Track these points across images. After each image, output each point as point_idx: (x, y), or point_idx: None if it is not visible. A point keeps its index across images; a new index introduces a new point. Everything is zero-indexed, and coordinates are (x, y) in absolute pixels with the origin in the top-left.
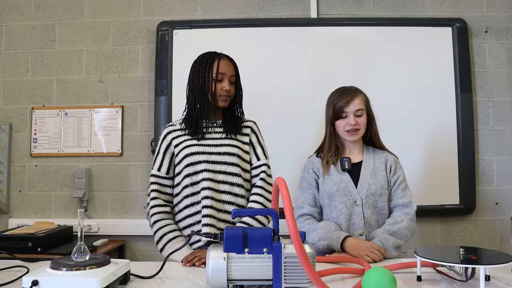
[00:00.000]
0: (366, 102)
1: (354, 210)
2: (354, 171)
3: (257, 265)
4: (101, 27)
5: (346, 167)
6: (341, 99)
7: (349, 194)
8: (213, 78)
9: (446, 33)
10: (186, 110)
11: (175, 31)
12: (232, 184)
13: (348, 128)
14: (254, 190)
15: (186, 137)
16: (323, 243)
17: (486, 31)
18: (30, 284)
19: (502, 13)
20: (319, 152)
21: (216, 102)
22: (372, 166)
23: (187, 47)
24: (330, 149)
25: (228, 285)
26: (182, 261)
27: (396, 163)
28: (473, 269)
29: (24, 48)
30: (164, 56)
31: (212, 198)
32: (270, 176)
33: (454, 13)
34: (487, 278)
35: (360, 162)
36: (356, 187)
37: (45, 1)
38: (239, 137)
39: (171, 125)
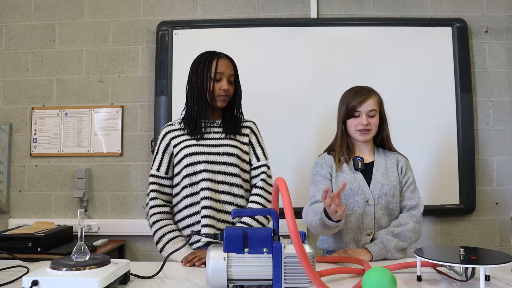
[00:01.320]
0: (380, 103)
1: (366, 209)
2: (366, 171)
3: (257, 265)
4: (101, 27)
5: (360, 166)
6: (355, 98)
7: (362, 194)
8: (211, 77)
9: (446, 33)
10: (185, 109)
11: (175, 31)
12: (231, 184)
13: (360, 127)
14: (254, 190)
15: (185, 137)
16: (316, 218)
17: (486, 31)
18: (30, 284)
19: (502, 13)
20: (329, 150)
21: (214, 102)
22: (384, 166)
23: (187, 47)
24: (342, 147)
25: (228, 285)
26: (182, 261)
27: (406, 164)
28: (473, 269)
29: (24, 48)
30: (164, 56)
31: (212, 199)
32: (270, 176)
33: (454, 13)
34: (487, 278)
35: (372, 162)
36: (369, 186)
37: (45, 1)
38: (238, 137)
39: (170, 125)
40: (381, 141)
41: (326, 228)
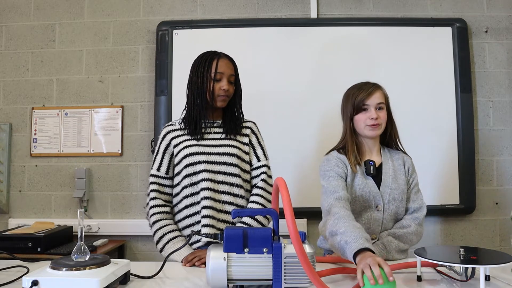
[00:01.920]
0: (386, 97)
1: (374, 215)
2: (376, 174)
3: (257, 265)
4: (101, 27)
5: (372, 171)
6: (361, 92)
7: (372, 200)
8: (211, 77)
9: (446, 33)
10: (186, 109)
11: (175, 31)
12: (231, 184)
13: (369, 122)
14: (255, 190)
15: (186, 137)
16: (339, 243)
17: (486, 31)
18: (30, 284)
19: (502, 13)
20: (339, 149)
21: (214, 102)
22: (392, 169)
23: (187, 47)
24: (353, 146)
25: (228, 285)
26: (182, 261)
27: (412, 165)
28: (473, 269)
29: (24, 48)
30: (164, 56)
31: (212, 199)
32: (270, 177)
33: (454, 13)
34: (487, 278)
35: (380, 164)
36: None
37: (45, 1)
38: (238, 137)
39: (170, 125)
40: (389, 138)
41: (337, 251)
